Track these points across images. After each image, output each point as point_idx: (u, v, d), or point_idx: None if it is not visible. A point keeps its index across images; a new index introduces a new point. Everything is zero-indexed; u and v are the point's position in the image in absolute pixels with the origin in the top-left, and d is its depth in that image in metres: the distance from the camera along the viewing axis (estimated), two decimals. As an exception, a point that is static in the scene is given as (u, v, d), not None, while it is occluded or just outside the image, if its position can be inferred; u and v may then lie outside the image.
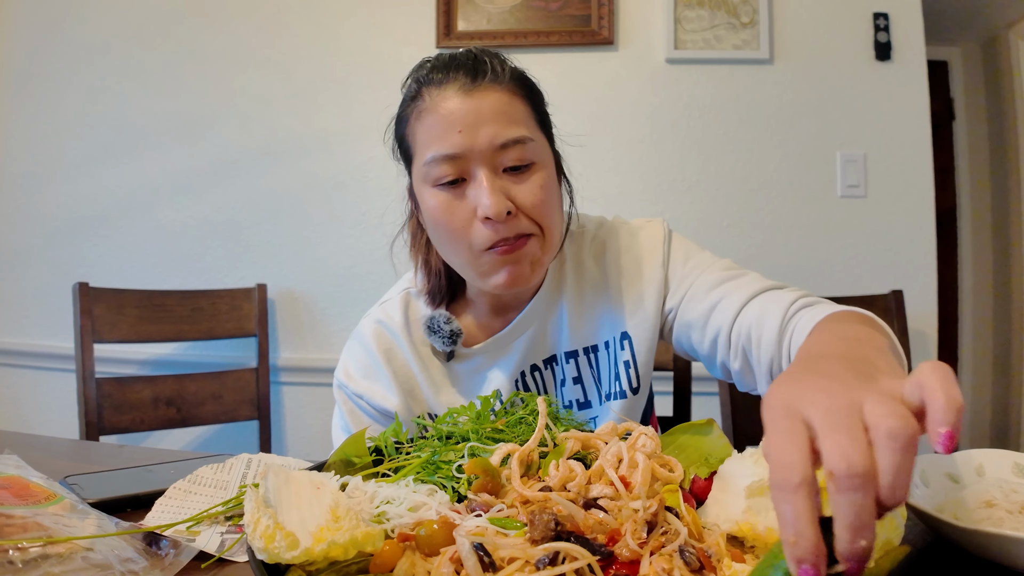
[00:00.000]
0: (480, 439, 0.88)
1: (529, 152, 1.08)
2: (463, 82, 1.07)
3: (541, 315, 1.25)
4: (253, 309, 2.69)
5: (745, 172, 2.61)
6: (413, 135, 1.12)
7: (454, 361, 1.26)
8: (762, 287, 1.13)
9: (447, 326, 1.21)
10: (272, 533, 0.59)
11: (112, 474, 1.03)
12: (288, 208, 2.82)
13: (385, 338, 1.26)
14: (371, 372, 1.26)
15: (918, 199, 2.54)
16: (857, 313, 0.96)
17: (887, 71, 2.56)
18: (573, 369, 1.25)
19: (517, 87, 1.11)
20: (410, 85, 1.14)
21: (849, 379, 0.55)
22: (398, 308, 1.27)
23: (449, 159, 1.05)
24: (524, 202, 1.07)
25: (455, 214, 1.07)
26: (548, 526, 0.59)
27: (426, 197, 1.11)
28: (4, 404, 3.04)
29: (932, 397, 0.48)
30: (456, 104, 1.06)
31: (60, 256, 2.97)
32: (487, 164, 1.06)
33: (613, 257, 1.26)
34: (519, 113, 1.10)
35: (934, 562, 0.72)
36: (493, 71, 1.09)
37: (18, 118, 3.02)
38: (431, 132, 1.07)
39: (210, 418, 2.53)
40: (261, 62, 2.84)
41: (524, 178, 1.08)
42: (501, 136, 1.06)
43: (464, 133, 1.05)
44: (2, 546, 0.67)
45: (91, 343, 2.34)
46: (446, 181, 1.07)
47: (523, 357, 1.25)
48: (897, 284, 2.44)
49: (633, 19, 2.67)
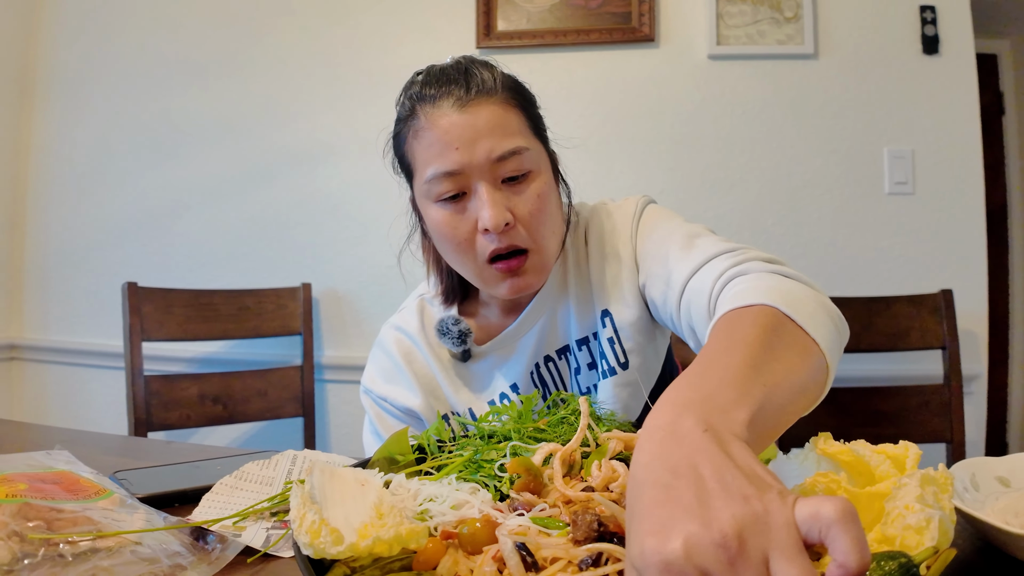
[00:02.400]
0: (522, 438, 0.88)
1: (526, 161, 1.11)
2: (456, 96, 1.09)
3: (549, 307, 1.27)
4: (298, 308, 2.72)
5: (790, 170, 2.58)
6: (412, 153, 1.15)
7: (470, 361, 1.29)
8: (704, 257, 1.05)
9: (455, 327, 1.25)
10: (317, 529, 0.59)
11: (160, 470, 1.05)
12: (331, 208, 2.84)
13: (404, 343, 1.32)
14: (393, 376, 1.31)
15: (968, 196, 2.49)
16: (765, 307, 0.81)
17: (935, 65, 2.51)
18: (586, 356, 1.26)
19: (509, 96, 1.13)
20: (403, 103, 1.17)
21: (737, 510, 0.47)
22: (414, 314, 1.33)
23: (449, 176, 1.08)
24: (522, 213, 1.10)
25: (458, 228, 1.11)
26: (591, 526, 0.59)
27: (430, 212, 1.14)
28: (55, 401, 3.11)
29: (845, 557, 0.44)
30: (451, 121, 1.08)
31: (109, 257, 3.03)
32: (486, 177, 1.09)
33: (595, 239, 1.26)
34: (513, 123, 1.12)
35: (983, 567, 0.71)
36: (484, 83, 1.11)
37: (68, 123, 3.09)
38: (430, 151, 1.10)
39: (256, 415, 2.57)
40: (304, 64, 2.86)
41: (522, 188, 1.11)
42: (498, 149, 1.08)
43: (461, 150, 1.07)
44: (53, 540, 0.69)
45: (140, 342, 2.38)
46: (447, 197, 1.10)
47: (535, 350, 1.27)
48: (947, 283, 2.39)
49: (674, 15, 2.64)
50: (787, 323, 0.79)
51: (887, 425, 2.28)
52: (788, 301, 0.81)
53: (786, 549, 0.45)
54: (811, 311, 0.81)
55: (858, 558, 0.44)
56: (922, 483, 0.58)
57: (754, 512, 0.46)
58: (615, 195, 1.30)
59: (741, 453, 0.53)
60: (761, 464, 0.52)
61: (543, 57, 2.66)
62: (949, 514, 0.58)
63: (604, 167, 2.63)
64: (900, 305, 2.32)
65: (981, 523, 0.68)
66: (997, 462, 0.85)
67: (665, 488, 0.50)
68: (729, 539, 0.45)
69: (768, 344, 0.73)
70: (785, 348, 0.75)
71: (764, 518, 0.46)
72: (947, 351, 2.29)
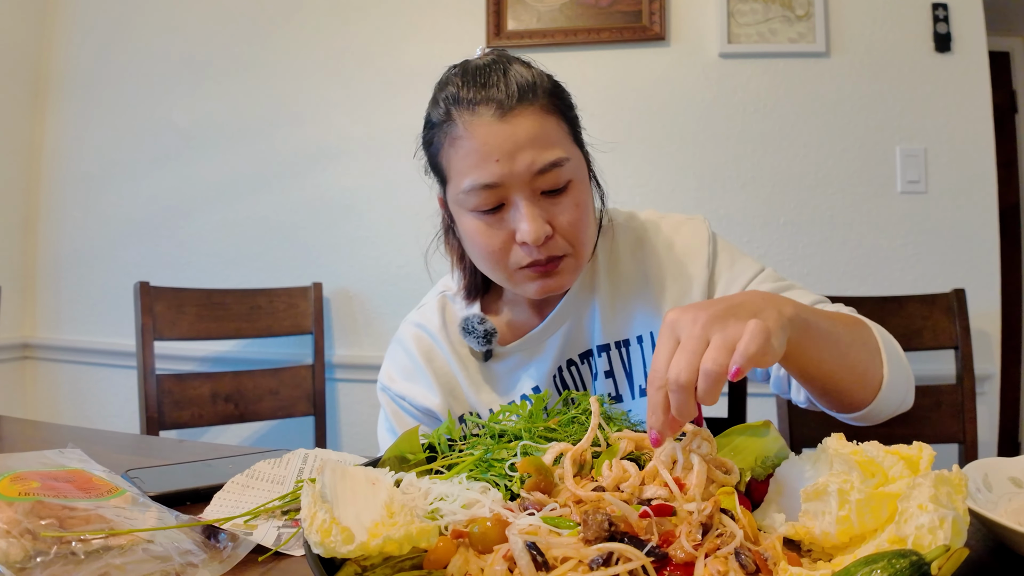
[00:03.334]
0: (532, 438, 0.87)
1: (565, 172, 1.08)
2: (497, 104, 1.05)
3: (575, 310, 1.25)
4: (309, 307, 2.72)
5: (802, 168, 2.57)
6: (448, 160, 1.11)
7: (492, 360, 1.27)
8: (810, 301, 1.13)
9: (481, 326, 1.22)
10: (328, 527, 0.59)
11: (172, 468, 1.05)
12: (343, 208, 2.85)
13: (424, 340, 1.29)
14: (412, 374, 1.28)
15: (981, 194, 2.47)
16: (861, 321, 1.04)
17: (947, 63, 2.49)
18: (605, 363, 1.25)
19: (549, 102, 1.09)
20: (439, 105, 1.12)
21: (719, 316, 0.76)
22: (435, 311, 1.29)
23: (487, 188, 1.05)
24: (561, 224, 1.08)
25: (493, 238, 1.08)
26: (602, 526, 0.59)
27: (464, 219, 1.12)
28: (68, 400, 3.13)
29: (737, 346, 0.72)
30: (491, 131, 1.04)
31: (122, 256, 3.04)
32: (525, 190, 1.06)
33: (652, 252, 1.24)
34: (553, 132, 1.08)
35: (996, 568, 0.70)
36: (524, 89, 1.06)
37: (81, 123, 3.11)
38: (467, 160, 1.06)
39: (267, 414, 2.57)
40: (315, 64, 2.87)
41: (561, 199, 1.08)
42: (539, 162, 1.05)
43: (501, 162, 1.04)
44: (65, 538, 0.69)
45: (152, 340, 2.39)
46: (485, 209, 1.07)
47: (560, 353, 1.25)
48: (959, 282, 2.37)
49: (685, 14, 2.64)
50: (870, 336, 1.00)
51: (899, 425, 2.24)
52: (878, 329, 1.02)
53: (722, 339, 0.73)
54: (893, 348, 1.02)
55: (741, 350, 0.73)
56: (936, 484, 0.58)
57: (725, 321, 0.75)
58: (626, 195, 1.30)
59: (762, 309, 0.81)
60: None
61: (553, 56, 2.66)
62: (963, 515, 0.57)
63: (615, 166, 2.62)
64: (912, 304, 2.31)
65: (994, 524, 0.68)
66: (1010, 463, 0.85)
67: (708, 304, 0.80)
68: (701, 318, 0.76)
69: (847, 327, 0.98)
70: (859, 344, 0.98)
71: (727, 326, 0.75)
72: (959, 351, 2.27)
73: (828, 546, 0.65)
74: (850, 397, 0.99)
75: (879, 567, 0.54)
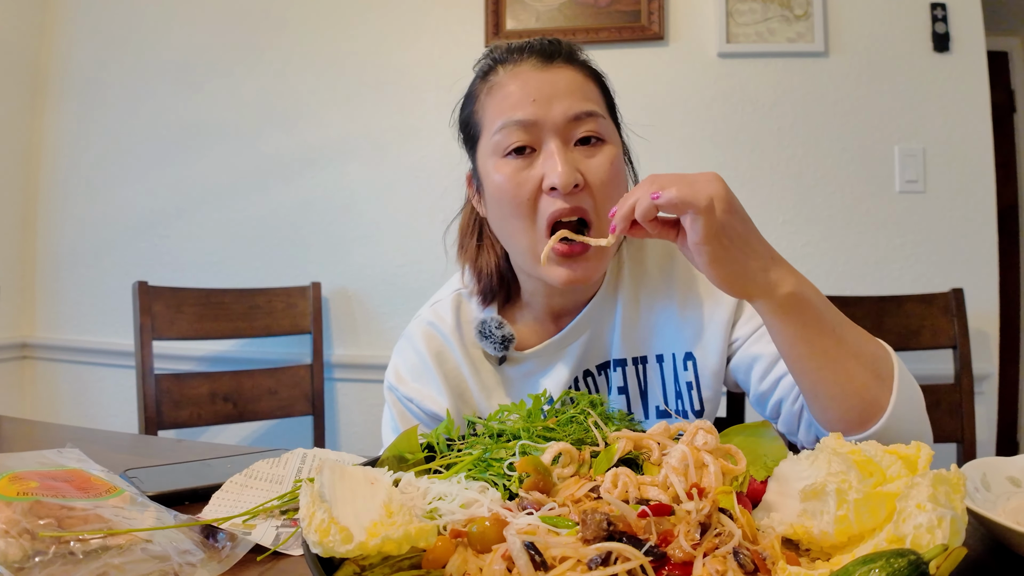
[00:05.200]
0: (531, 437, 0.87)
1: (601, 128, 1.08)
2: (540, 55, 1.09)
3: (597, 319, 1.21)
4: (308, 307, 2.72)
5: (800, 168, 2.57)
6: (483, 109, 1.12)
7: (506, 365, 1.23)
8: None
9: (499, 331, 1.18)
10: (327, 527, 0.59)
11: (171, 468, 1.05)
12: (341, 208, 2.85)
13: (436, 340, 1.24)
14: (421, 375, 1.23)
15: (979, 194, 2.47)
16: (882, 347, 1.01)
17: (946, 63, 2.49)
18: (619, 378, 1.22)
19: (590, 72, 1.13)
20: (483, 63, 1.14)
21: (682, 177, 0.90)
22: (449, 309, 1.24)
23: (521, 125, 1.05)
24: (594, 177, 1.06)
25: (523, 185, 1.06)
26: (600, 526, 0.59)
27: (492, 171, 1.09)
28: (67, 399, 3.13)
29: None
30: (531, 76, 1.07)
31: (121, 256, 3.04)
32: (559, 136, 1.05)
33: (684, 269, 1.21)
34: (592, 92, 1.11)
35: (994, 567, 0.70)
36: (568, 52, 1.11)
37: (80, 122, 3.11)
38: (504, 102, 1.07)
39: (266, 413, 2.57)
40: (313, 64, 2.87)
41: (595, 152, 1.07)
42: (575, 108, 1.05)
43: (538, 103, 1.05)
44: (64, 537, 0.69)
45: (150, 340, 2.39)
46: (516, 147, 1.06)
47: (578, 362, 1.21)
48: (958, 282, 2.37)
49: (684, 13, 2.64)
50: (885, 360, 0.97)
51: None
52: (902, 366, 0.97)
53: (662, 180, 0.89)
54: (910, 386, 0.97)
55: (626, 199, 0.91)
56: (934, 483, 0.58)
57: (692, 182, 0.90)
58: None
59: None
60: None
61: (552, 56, 2.65)
62: (961, 514, 0.57)
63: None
64: (911, 304, 2.31)
65: (993, 523, 0.68)
66: (1008, 462, 0.85)
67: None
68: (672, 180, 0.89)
69: (859, 335, 0.97)
70: (868, 357, 0.95)
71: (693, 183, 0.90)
72: (958, 350, 2.28)
73: (826, 546, 0.65)
74: (844, 408, 0.95)
75: (877, 566, 0.54)
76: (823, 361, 0.93)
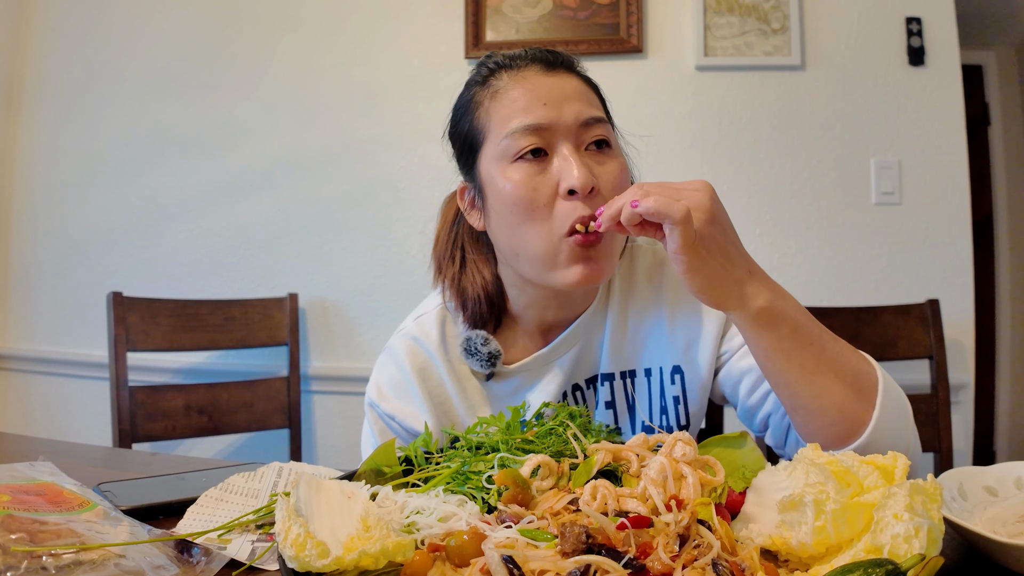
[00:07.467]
0: (510, 450, 0.87)
1: (609, 134, 1.09)
2: (542, 62, 1.08)
3: (586, 332, 1.19)
4: (285, 318, 2.71)
5: (777, 180, 2.59)
6: (487, 116, 1.09)
7: (493, 381, 1.19)
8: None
9: (485, 348, 1.14)
10: (303, 542, 0.59)
11: (145, 482, 1.04)
12: (319, 218, 2.83)
13: (420, 356, 1.19)
14: (404, 391, 1.19)
15: (954, 206, 2.50)
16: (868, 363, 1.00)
17: (921, 76, 2.52)
18: (607, 393, 1.20)
19: (589, 82, 1.13)
20: (479, 71, 1.13)
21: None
22: (434, 324, 1.20)
23: (534, 130, 1.03)
24: (606, 183, 1.05)
25: (538, 190, 1.03)
26: (579, 539, 0.59)
27: (500, 178, 1.05)
28: (39, 411, 3.08)
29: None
30: (538, 80, 1.06)
31: (95, 266, 3.01)
32: (571, 139, 1.04)
33: (672, 283, 1.20)
34: (595, 100, 1.11)
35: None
36: (568, 62, 1.11)
37: (54, 131, 3.08)
38: (513, 106, 1.05)
39: (242, 426, 2.55)
40: (292, 75, 2.86)
41: (605, 159, 1.07)
42: (586, 113, 1.05)
43: (550, 106, 1.04)
44: (36, 552, 0.68)
45: (125, 352, 2.37)
46: (530, 150, 1.03)
47: (567, 377, 1.19)
48: (933, 293, 2.40)
49: (662, 27, 2.66)
50: (868, 375, 0.96)
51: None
52: (887, 380, 0.97)
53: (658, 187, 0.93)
54: (893, 398, 0.96)
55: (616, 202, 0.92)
56: (911, 493, 0.59)
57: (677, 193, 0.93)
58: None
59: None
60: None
61: (531, 67, 2.66)
62: (938, 524, 0.58)
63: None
64: (887, 315, 2.33)
65: (969, 532, 0.68)
66: (985, 472, 0.86)
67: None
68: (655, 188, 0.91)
69: (839, 346, 0.97)
70: (848, 372, 0.95)
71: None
72: (934, 360, 2.30)
73: (805, 556, 0.65)
74: (824, 423, 0.94)
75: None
76: (799, 375, 0.93)
